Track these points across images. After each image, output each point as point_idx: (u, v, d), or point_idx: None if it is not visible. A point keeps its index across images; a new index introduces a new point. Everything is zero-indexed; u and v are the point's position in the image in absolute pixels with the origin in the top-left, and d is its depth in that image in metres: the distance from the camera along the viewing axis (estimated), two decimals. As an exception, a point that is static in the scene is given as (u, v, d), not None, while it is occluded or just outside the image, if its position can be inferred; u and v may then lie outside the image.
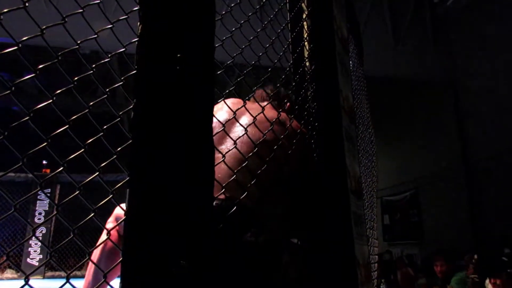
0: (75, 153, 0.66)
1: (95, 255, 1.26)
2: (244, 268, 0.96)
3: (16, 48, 0.60)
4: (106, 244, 1.24)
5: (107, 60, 0.75)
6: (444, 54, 8.12)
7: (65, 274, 0.66)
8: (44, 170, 8.01)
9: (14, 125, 0.59)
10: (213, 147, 0.76)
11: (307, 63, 1.46)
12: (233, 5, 1.08)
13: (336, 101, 1.38)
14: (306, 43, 1.47)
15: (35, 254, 7.81)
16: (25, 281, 0.57)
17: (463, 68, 7.88)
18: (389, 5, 7.81)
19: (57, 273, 7.87)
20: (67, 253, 7.95)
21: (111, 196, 0.69)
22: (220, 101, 1.26)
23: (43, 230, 7.85)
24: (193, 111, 0.72)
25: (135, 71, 0.69)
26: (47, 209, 8.01)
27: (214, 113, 0.80)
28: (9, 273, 7.69)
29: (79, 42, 0.69)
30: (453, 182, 7.93)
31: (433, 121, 8.63)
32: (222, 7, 1.06)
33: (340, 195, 1.27)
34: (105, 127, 0.71)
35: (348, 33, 1.90)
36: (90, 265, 1.30)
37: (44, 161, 8.20)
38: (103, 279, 0.69)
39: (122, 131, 0.77)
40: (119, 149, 0.71)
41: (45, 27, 0.62)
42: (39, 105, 0.62)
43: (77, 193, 0.66)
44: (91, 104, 0.71)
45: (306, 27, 1.49)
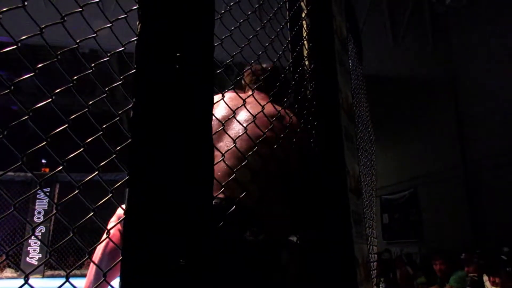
0: (74, 152, 0.66)
1: (97, 255, 1.25)
2: (244, 267, 0.96)
3: (15, 47, 0.60)
4: (107, 244, 1.24)
5: (106, 59, 0.75)
6: (443, 53, 8.12)
7: (65, 273, 0.66)
8: (43, 169, 8.01)
9: (13, 124, 0.59)
10: (212, 146, 0.76)
11: (307, 62, 1.46)
12: (232, 4, 1.08)
13: (335, 100, 1.38)
14: (305, 42, 1.47)
15: (34, 253, 7.81)
16: (24, 280, 0.57)
17: (463, 67, 7.88)
18: (388, 4, 7.80)
19: (57, 272, 7.87)
20: (66, 252, 7.95)
21: (111, 195, 0.69)
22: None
23: (43, 229, 7.85)
24: (192, 110, 0.72)
25: (135, 70, 0.69)
26: (47, 208, 8.01)
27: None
28: (9, 272, 7.69)
29: (78, 41, 0.69)
30: (452, 181, 7.94)
31: (432, 120, 8.63)
32: (221, 6, 1.06)
33: (339, 194, 1.27)
34: (104, 126, 0.71)
35: (347, 32, 1.90)
36: (92, 264, 1.30)
37: (43, 160, 8.20)
38: (103, 278, 0.69)
39: (121, 130, 0.77)
40: (119, 148, 0.71)
41: (44, 26, 0.62)
42: (38, 104, 0.61)
43: (77, 192, 0.66)
44: (91, 103, 0.71)
45: (305, 26, 1.49)
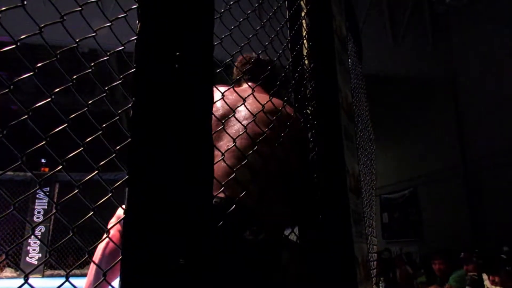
0: (74, 152, 0.66)
1: (97, 255, 1.25)
2: (244, 267, 0.96)
3: (14, 46, 0.59)
4: (108, 244, 1.24)
5: (106, 58, 0.74)
6: (443, 52, 8.12)
7: (64, 272, 0.66)
8: (42, 169, 8.01)
9: (12, 123, 0.59)
10: (212, 146, 0.76)
11: (306, 62, 1.45)
12: (232, 3, 1.08)
13: (335, 100, 1.38)
14: (305, 41, 1.47)
15: (34, 252, 7.80)
16: (24, 279, 0.57)
17: (463, 67, 7.88)
18: (388, 4, 7.79)
19: (56, 272, 7.87)
20: (66, 251, 7.95)
21: (110, 194, 0.69)
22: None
23: (42, 228, 7.85)
24: (192, 110, 0.72)
25: (134, 70, 0.69)
26: (46, 208, 8.00)
27: None
28: (8, 271, 7.68)
29: (78, 40, 0.69)
30: (452, 180, 7.95)
31: (432, 119, 8.63)
32: (220, 5, 1.06)
33: (339, 193, 1.27)
34: (104, 126, 0.71)
35: (347, 31, 1.90)
36: (92, 265, 1.29)
37: (42, 160, 8.20)
38: (102, 278, 0.69)
39: (120, 130, 0.76)
40: (118, 147, 0.71)
41: (43, 25, 0.62)
42: (37, 103, 0.61)
43: (76, 191, 0.66)
44: (90, 102, 0.71)
45: (305, 25, 1.49)
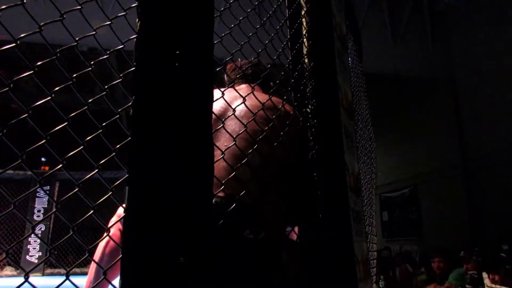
0: (74, 151, 0.66)
1: (97, 253, 1.25)
2: (244, 267, 0.96)
3: (14, 45, 0.59)
4: (108, 243, 1.24)
5: (105, 57, 0.74)
6: (443, 51, 8.11)
7: (65, 271, 0.66)
8: (42, 167, 8.01)
9: (12, 122, 0.59)
10: (212, 146, 0.76)
11: (306, 60, 1.45)
12: (232, 2, 1.08)
13: (335, 98, 1.38)
14: (305, 40, 1.47)
15: (34, 251, 7.81)
16: (25, 278, 0.57)
17: (462, 65, 7.87)
18: (388, 2, 7.78)
19: (56, 270, 7.88)
20: (66, 250, 7.95)
21: (110, 193, 0.69)
22: None
23: (42, 227, 7.85)
24: (192, 110, 0.72)
25: (134, 69, 0.69)
26: (46, 207, 8.00)
27: None
28: (8, 270, 7.69)
29: (78, 39, 0.69)
30: (452, 179, 7.95)
31: (432, 118, 8.63)
32: (220, 4, 1.06)
33: (339, 192, 1.27)
34: (104, 124, 0.71)
35: (346, 30, 1.90)
36: (92, 264, 1.30)
37: (42, 159, 8.20)
38: (103, 276, 0.69)
39: (120, 128, 0.76)
40: (118, 146, 0.71)
41: (43, 24, 0.62)
42: (37, 102, 0.61)
43: (76, 190, 0.66)
44: (90, 101, 0.70)
45: (305, 24, 1.49)
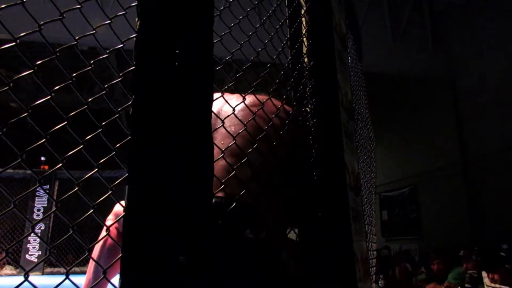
0: (74, 150, 0.66)
1: (95, 252, 1.25)
2: (244, 267, 0.96)
3: (14, 44, 0.59)
4: (105, 241, 1.24)
5: (105, 56, 0.74)
6: (443, 50, 8.11)
7: (64, 270, 0.66)
8: (42, 166, 8.02)
9: (12, 121, 0.59)
10: (212, 146, 0.76)
11: (306, 59, 1.45)
12: (232, 1, 1.08)
13: (334, 97, 1.38)
14: (304, 39, 1.47)
15: (34, 250, 7.81)
16: (24, 277, 0.57)
17: (463, 64, 7.87)
18: (388, 1, 7.78)
19: (56, 269, 7.88)
20: (66, 249, 7.96)
21: (110, 192, 0.69)
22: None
23: (42, 226, 7.86)
24: (192, 110, 0.72)
25: (134, 68, 0.69)
26: (46, 206, 8.01)
27: None
28: (8, 269, 7.70)
29: (77, 38, 0.69)
30: (452, 178, 7.95)
31: (432, 117, 8.63)
32: (220, 3, 1.06)
33: (339, 192, 1.27)
34: (104, 123, 0.71)
35: (346, 29, 1.90)
36: (90, 263, 1.30)
37: (42, 158, 8.21)
38: (102, 275, 0.69)
39: (119, 127, 0.76)
40: (118, 145, 0.71)
41: (43, 23, 0.62)
42: (36, 101, 0.61)
43: (76, 189, 0.66)
44: (90, 100, 0.70)
45: (304, 23, 1.49)
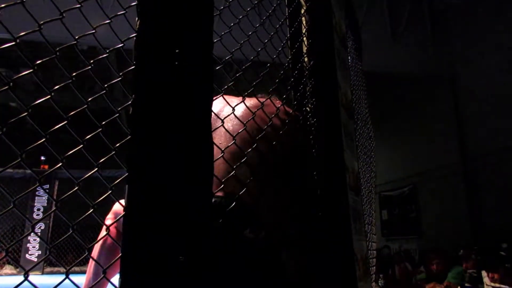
0: (74, 149, 0.65)
1: (95, 251, 1.25)
2: (244, 267, 0.96)
3: (14, 43, 0.59)
4: (105, 241, 1.24)
5: (105, 55, 0.74)
6: (443, 49, 8.10)
7: (64, 270, 0.65)
8: (42, 166, 8.02)
9: (12, 121, 0.59)
10: (212, 146, 0.76)
11: (306, 59, 1.45)
12: (232, 0, 1.08)
13: (334, 97, 1.38)
14: (304, 38, 1.47)
15: (33, 250, 7.82)
16: (24, 277, 0.57)
17: (463, 64, 7.87)
18: (388, 1, 7.78)
19: (56, 269, 7.89)
20: (66, 249, 7.97)
21: (110, 192, 0.69)
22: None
23: (42, 226, 7.86)
24: (192, 110, 0.72)
25: (134, 67, 0.69)
26: (46, 205, 8.01)
27: None
28: (8, 269, 7.70)
29: (77, 37, 0.68)
30: (451, 177, 7.95)
31: (432, 116, 8.63)
32: (220, 2, 1.05)
33: (339, 192, 1.27)
34: (104, 123, 0.71)
35: (346, 28, 1.90)
36: (90, 263, 1.29)
37: (42, 157, 8.21)
38: (102, 275, 0.69)
39: (119, 127, 0.76)
40: (118, 145, 0.71)
41: (42, 22, 0.62)
42: (36, 101, 0.61)
43: (76, 188, 0.66)
44: (90, 99, 0.70)
45: (304, 22, 1.49)
